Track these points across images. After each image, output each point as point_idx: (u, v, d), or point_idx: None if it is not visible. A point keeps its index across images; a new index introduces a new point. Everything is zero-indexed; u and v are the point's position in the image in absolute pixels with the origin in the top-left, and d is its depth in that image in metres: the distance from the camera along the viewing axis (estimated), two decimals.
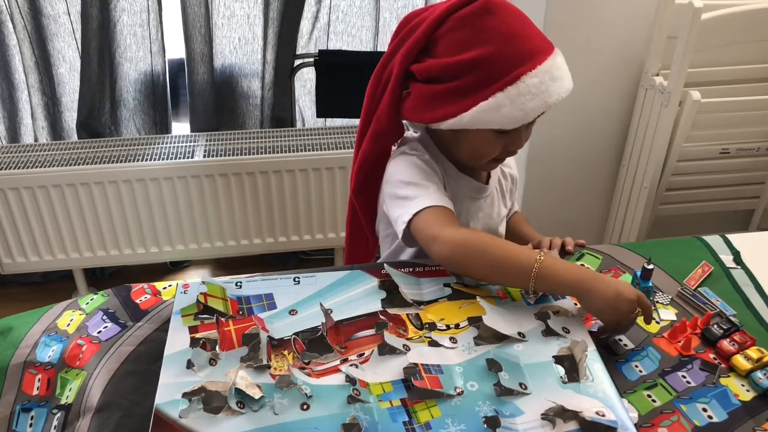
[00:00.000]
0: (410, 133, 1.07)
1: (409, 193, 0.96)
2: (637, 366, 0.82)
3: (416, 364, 0.80)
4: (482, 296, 0.92)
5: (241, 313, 0.90)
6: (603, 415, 0.73)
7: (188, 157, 1.88)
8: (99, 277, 2.20)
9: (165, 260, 2.12)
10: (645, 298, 0.84)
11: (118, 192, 1.87)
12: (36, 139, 2.01)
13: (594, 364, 0.81)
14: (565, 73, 0.94)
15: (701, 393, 0.79)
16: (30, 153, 1.89)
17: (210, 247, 2.01)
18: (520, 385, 0.77)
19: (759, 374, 0.79)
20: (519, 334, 0.85)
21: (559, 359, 0.81)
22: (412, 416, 0.74)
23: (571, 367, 0.80)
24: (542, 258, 0.85)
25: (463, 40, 0.92)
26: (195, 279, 0.97)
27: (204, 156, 1.89)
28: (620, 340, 0.87)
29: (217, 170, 1.88)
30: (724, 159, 1.69)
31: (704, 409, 0.76)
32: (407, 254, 1.09)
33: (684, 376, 0.81)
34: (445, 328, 0.87)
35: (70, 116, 1.98)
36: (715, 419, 0.75)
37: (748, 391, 0.79)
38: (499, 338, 0.84)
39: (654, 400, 0.78)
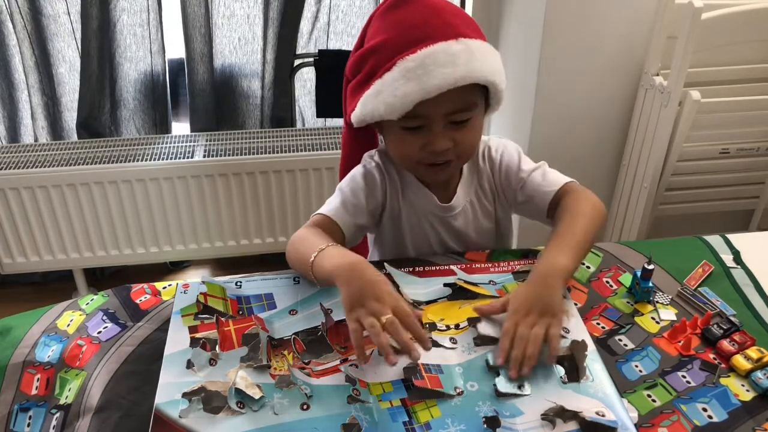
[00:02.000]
0: None
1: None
2: (637, 366, 0.82)
3: (416, 364, 0.79)
4: (482, 298, 0.92)
5: (241, 313, 0.90)
6: (603, 415, 0.73)
7: (188, 157, 1.88)
8: (99, 277, 2.20)
9: (165, 260, 2.12)
10: (404, 310, 0.77)
11: (118, 192, 1.87)
12: (36, 139, 2.01)
13: (594, 364, 0.81)
14: (462, 62, 0.87)
15: (701, 393, 0.79)
16: (30, 153, 1.89)
17: (210, 247, 2.01)
18: (519, 386, 0.77)
19: (759, 374, 0.79)
20: None
21: (559, 359, 0.81)
22: (412, 416, 0.74)
23: (571, 367, 0.80)
24: (323, 249, 0.87)
25: (371, 34, 0.94)
26: (195, 279, 0.97)
27: (204, 156, 1.88)
28: (620, 340, 0.86)
29: (217, 170, 1.88)
30: (724, 159, 1.69)
31: (704, 409, 0.76)
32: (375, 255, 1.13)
33: (684, 376, 0.81)
34: (445, 328, 0.87)
35: (70, 116, 1.98)
36: (715, 419, 0.75)
37: (748, 391, 0.79)
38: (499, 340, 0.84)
39: (654, 400, 0.78)
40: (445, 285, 0.94)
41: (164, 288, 0.96)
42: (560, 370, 0.80)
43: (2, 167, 1.82)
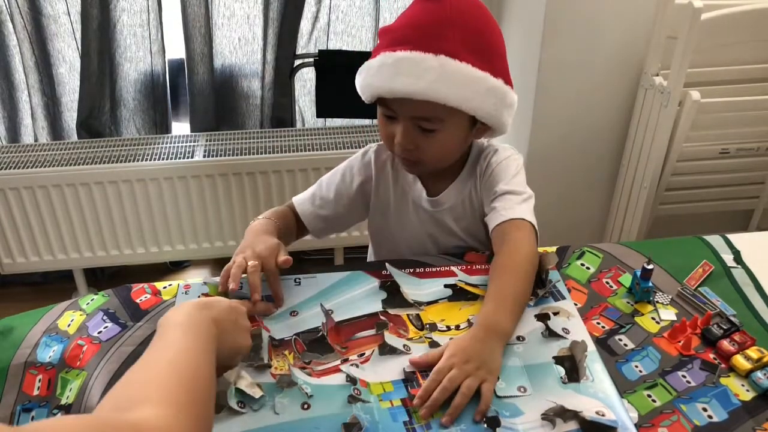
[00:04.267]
0: None
1: None
2: (637, 366, 0.83)
3: (414, 372, 0.80)
4: (482, 299, 0.91)
5: None
6: (603, 415, 0.73)
7: (188, 157, 1.88)
8: (99, 277, 2.20)
9: (165, 260, 2.12)
10: (270, 265, 0.91)
11: (118, 192, 1.87)
12: (36, 139, 2.01)
13: (594, 365, 0.81)
14: (428, 78, 0.88)
15: (701, 393, 0.79)
16: (30, 153, 1.89)
17: (210, 247, 2.01)
18: (519, 388, 0.77)
19: (759, 374, 0.79)
20: (518, 338, 0.85)
21: (559, 360, 0.81)
22: (413, 416, 0.75)
23: (571, 367, 0.80)
24: (255, 220, 1.01)
25: (400, 15, 0.96)
26: (194, 279, 0.97)
27: (204, 156, 1.88)
28: (620, 340, 0.87)
29: (217, 170, 1.88)
30: (724, 159, 1.69)
31: (704, 409, 0.77)
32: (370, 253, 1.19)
33: (684, 376, 0.81)
34: (445, 329, 0.87)
35: (70, 116, 1.98)
36: (715, 419, 0.75)
37: (748, 391, 0.79)
38: None
39: (654, 400, 0.78)
40: (446, 286, 0.94)
41: (164, 288, 0.96)
42: (560, 370, 0.80)
43: (2, 167, 1.82)
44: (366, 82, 0.95)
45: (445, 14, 0.89)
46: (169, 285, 0.96)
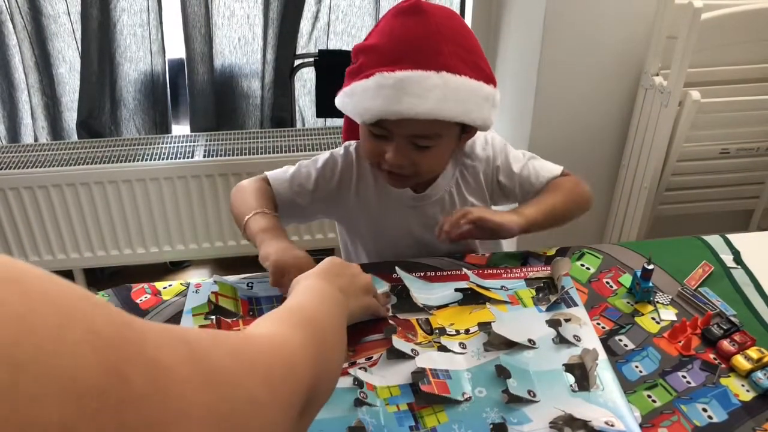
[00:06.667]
0: None
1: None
2: (637, 366, 0.82)
3: (424, 369, 0.79)
4: (493, 302, 0.91)
5: (252, 314, 0.90)
6: (612, 425, 0.72)
7: (188, 157, 1.88)
8: (99, 277, 2.20)
9: (165, 260, 2.12)
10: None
11: (118, 192, 1.87)
12: (36, 139, 2.01)
13: (604, 373, 0.80)
14: (433, 97, 0.87)
15: (701, 393, 0.79)
16: (30, 153, 1.89)
17: (210, 247, 2.01)
18: (529, 392, 0.77)
19: (759, 374, 0.79)
20: (529, 341, 0.84)
21: (569, 367, 0.80)
22: (419, 421, 0.74)
23: (581, 375, 0.79)
24: (258, 212, 0.95)
25: (377, 30, 0.95)
26: (194, 279, 0.97)
27: (204, 156, 1.88)
28: (620, 340, 0.87)
29: (217, 170, 1.88)
30: (724, 159, 1.69)
31: (704, 409, 0.76)
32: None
33: (684, 376, 0.81)
34: (454, 333, 0.86)
35: (70, 116, 1.98)
36: (715, 419, 0.75)
37: (748, 391, 0.79)
38: (509, 344, 0.83)
39: (654, 401, 0.78)
40: (457, 290, 0.93)
41: (164, 288, 0.96)
42: (570, 378, 0.79)
43: (2, 167, 1.82)
44: (363, 105, 0.91)
45: (432, 28, 0.88)
46: (170, 285, 0.96)
